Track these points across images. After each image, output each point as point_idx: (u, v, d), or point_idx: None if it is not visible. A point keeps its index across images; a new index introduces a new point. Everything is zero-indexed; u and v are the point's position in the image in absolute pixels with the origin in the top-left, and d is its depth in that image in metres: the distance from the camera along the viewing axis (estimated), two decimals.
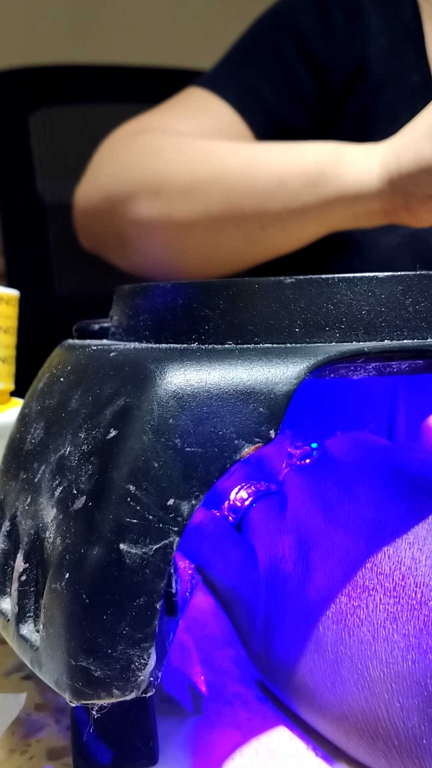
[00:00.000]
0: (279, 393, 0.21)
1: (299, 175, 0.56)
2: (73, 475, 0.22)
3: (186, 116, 0.71)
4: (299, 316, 0.23)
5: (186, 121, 0.70)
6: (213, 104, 0.71)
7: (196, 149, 0.63)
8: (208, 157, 0.61)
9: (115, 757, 0.22)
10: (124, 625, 0.20)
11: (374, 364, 0.23)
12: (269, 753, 0.25)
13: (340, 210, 0.55)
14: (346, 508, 0.26)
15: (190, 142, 0.65)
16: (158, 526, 0.20)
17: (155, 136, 0.67)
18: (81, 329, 0.31)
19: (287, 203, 0.57)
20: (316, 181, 0.55)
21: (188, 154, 0.63)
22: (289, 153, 0.58)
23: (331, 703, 0.23)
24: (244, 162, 0.59)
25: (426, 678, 0.21)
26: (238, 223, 0.60)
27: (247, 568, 0.28)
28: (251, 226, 0.60)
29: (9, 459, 0.27)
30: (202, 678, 0.29)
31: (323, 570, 0.25)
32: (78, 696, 0.20)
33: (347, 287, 0.23)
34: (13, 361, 0.41)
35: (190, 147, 0.64)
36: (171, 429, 0.20)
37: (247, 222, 0.60)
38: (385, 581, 0.23)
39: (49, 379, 0.26)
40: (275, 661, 0.26)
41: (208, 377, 0.21)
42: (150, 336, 0.26)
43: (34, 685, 0.29)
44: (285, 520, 0.28)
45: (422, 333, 0.23)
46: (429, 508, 0.24)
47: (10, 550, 0.24)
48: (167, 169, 0.63)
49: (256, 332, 0.24)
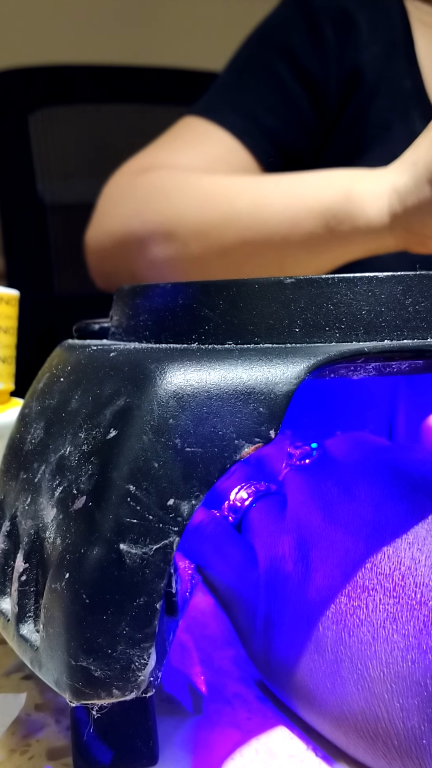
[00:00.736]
0: (279, 393, 0.21)
1: (311, 217, 0.55)
2: (73, 475, 0.22)
3: (187, 148, 0.70)
4: (299, 316, 0.23)
5: (188, 154, 0.69)
6: (213, 133, 0.70)
7: (203, 189, 0.62)
8: (216, 198, 0.61)
9: (115, 757, 0.22)
10: (124, 625, 0.20)
11: (374, 364, 0.23)
12: (269, 753, 0.25)
13: (356, 245, 0.55)
14: (346, 508, 0.26)
15: (196, 181, 0.64)
16: (158, 526, 0.20)
17: (161, 174, 0.67)
18: (81, 329, 0.31)
19: (302, 243, 0.57)
20: (328, 222, 0.55)
21: (196, 196, 0.62)
22: (297, 190, 0.57)
23: (330, 703, 0.23)
24: (253, 203, 0.59)
25: (426, 678, 0.21)
26: (256, 260, 0.60)
27: (247, 568, 0.28)
28: (269, 262, 0.60)
29: (9, 459, 0.27)
30: (202, 678, 0.29)
31: (323, 570, 0.25)
32: (78, 696, 0.20)
33: (347, 287, 0.23)
34: (13, 361, 0.41)
35: (197, 187, 0.63)
36: (171, 429, 0.20)
37: (264, 259, 0.60)
38: (384, 581, 0.23)
39: (49, 379, 0.26)
40: (275, 661, 0.26)
41: (208, 377, 0.21)
42: (150, 336, 0.26)
43: (34, 685, 0.29)
44: (285, 520, 0.28)
45: (422, 333, 0.23)
46: (429, 508, 0.24)
47: (10, 550, 0.24)
48: (177, 211, 0.62)
49: (256, 332, 0.24)
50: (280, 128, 0.71)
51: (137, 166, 0.70)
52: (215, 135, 0.70)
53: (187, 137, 0.72)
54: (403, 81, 0.74)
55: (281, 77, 0.72)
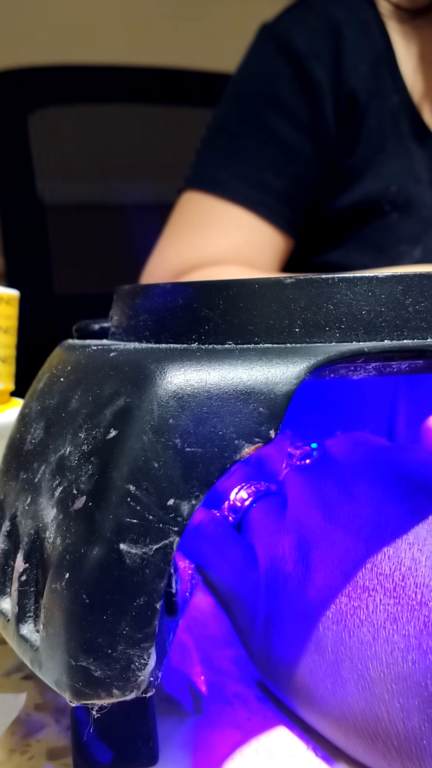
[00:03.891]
0: (279, 393, 0.21)
1: None
2: (73, 475, 0.22)
3: (209, 236, 0.69)
4: (299, 316, 0.23)
5: (213, 243, 0.68)
6: (227, 212, 0.69)
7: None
8: None
9: (115, 757, 0.22)
10: (124, 625, 0.20)
11: (374, 364, 0.23)
12: (269, 753, 0.25)
13: None
14: (346, 509, 0.26)
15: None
16: (158, 526, 0.20)
17: (211, 274, 0.65)
18: (81, 329, 0.31)
19: None
20: None
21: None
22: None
23: (330, 703, 0.23)
24: None
25: (426, 679, 0.21)
26: None
27: (247, 568, 0.28)
28: None
29: (9, 459, 0.27)
30: (202, 678, 0.29)
31: (323, 570, 0.25)
32: (78, 696, 0.20)
33: (347, 287, 0.23)
34: (13, 361, 0.41)
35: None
36: (171, 429, 0.20)
37: None
38: (385, 582, 0.23)
39: (49, 379, 0.26)
40: (275, 662, 0.26)
41: (208, 377, 0.21)
42: (150, 336, 0.26)
43: (34, 685, 0.29)
44: (285, 520, 0.28)
45: (422, 333, 0.23)
46: (429, 508, 0.24)
47: (10, 550, 0.24)
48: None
49: (256, 332, 0.24)
50: (291, 187, 0.70)
51: (171, 265, 0.69)
52: (232, 214, 0.69)
53: (204, 222, 0.70)
54: (391, 96, 0.73)
55: (279, 134, 0.70)
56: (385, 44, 0.73)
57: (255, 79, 0.73)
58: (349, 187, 0.73)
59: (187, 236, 0.71)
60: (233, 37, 0.77)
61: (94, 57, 1.07)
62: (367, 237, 0.74)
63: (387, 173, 0.73)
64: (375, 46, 0.72)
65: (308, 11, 0.73)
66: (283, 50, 0.71)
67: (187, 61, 1.04)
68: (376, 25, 0.73)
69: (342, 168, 0.73)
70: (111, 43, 1.47)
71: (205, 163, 0.73)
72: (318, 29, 0.71)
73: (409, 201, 0.73)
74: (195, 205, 0.71)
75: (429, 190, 0.74)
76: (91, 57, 1.07)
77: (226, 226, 0.69)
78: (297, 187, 0.71)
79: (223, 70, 0.76)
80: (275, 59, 0.71)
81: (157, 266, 0.71)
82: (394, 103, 0.73)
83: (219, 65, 0.79)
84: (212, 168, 0.72)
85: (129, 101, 1.04)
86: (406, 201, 0.73)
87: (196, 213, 0.71)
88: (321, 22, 0.71)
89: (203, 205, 0.71)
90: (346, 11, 0.72)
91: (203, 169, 0.72)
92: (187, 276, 0.68)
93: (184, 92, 1.04)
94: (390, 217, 0.73)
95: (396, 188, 0.73)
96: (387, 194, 0.73)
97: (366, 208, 0.74)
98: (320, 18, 0.71)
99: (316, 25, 0.71)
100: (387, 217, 0.73)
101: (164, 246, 0.72)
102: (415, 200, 0.73)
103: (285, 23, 0.74)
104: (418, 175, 0.74)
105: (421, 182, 0.74)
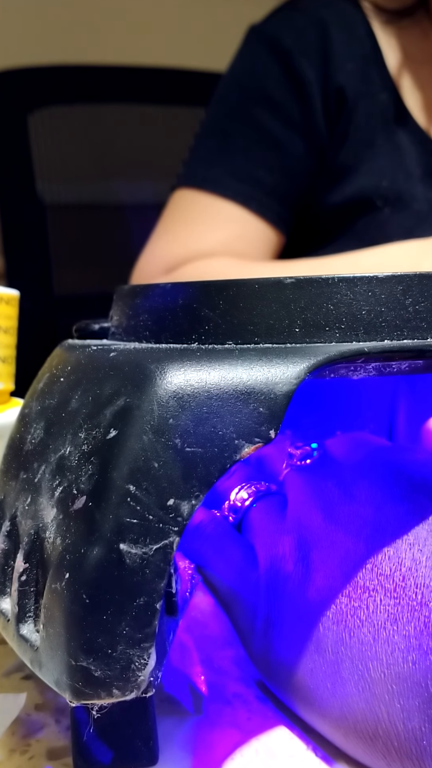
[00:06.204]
0: (279, 393, 0.21)
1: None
2: (73, 475, 0.22)
3: (201, 230, 0.70)
4: (299, 316, 0.23)
5: (204, 237, 0.69)
6: (219, 207, 0.70)
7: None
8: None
9: (115, 757, 0.22)
10: (124, 625, 0.20)
11: (374, 364, 0.23)
12: (269, 753, 0.25)
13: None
14: (347, 509, 0.26)
15: (256, 270, 0.64)
16: (158, 526, 0.20)
17: (206, 265, 0.66)
18: (81, 329, 0.31)
19: None
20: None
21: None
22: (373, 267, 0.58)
23: (331, 703, 0.23)
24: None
25: (426, 679, 0.21)
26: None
27: (247, 568, 0.28)
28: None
29: (9, 459, 0.27)
30: (202, 678, 0.29)
31: (323, 570, 0.25)
32: (78, 696, 0.20)
33: (347, 287, 0.23)
34: (13, 361, 0.41)
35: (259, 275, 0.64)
36: (171, 429, 0.20)
37: None
38: (385, 582, 0.23)
39: (49, 379, 0.26)
40: (275, 662, 0.25)
41: (208, 377, 0.21)
42: (150, 336, 0.26)
43: (34, 685, 0.29)
44: (285, 520, 0.28)
45: (422, 333, 0.23)
46: (429, 509, 0.24)
47: (10, 550, 0.24)
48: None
49: (256, 332, 0.24)
50: (282, 183, 0.71)
51: (163, 260, 0.70)
52: (223, 209, 0.70)
53: (195, 217, 0.71)
54: (379, 93, 0.73)
55: (269, 131, 0.71)
56: (371, 44, 0.74)
57: (244, 77, 0.74)
58: (341, 183, 0.74)
59: (178, 232, 0.71)
60: (233, 37, 0.77)
61: (93, 57, 1.07)
62: (360, 232, 0.75)
63: (378, 169, 0.73)
64: (362, 45, 0.73)
65: (295, 12, 0.74)
66: (272, 49, 0.72)
67: (187, 61, 1.04)
68: (362, 25, 0.74)
69: (333, 164, 0.73)
70: (111, 43, 1.47)
71: (197, 160, 0.74)
72: (305, 28, 0.72)
73: (400, 196, 0.74)
74: (186, 202, 0.72)
75: (420, 184, 0.75)
76: (91, 57, 1.07)
77: (217, 221, 0.70)
78: (288, 183, 0.71)
79: (223, 70, 0.76)
80: (264, 57, 0.72)
81: (148, 262, 0.72)
82: (382, 100, 0.73)
83: (219, 65, 0.79)
84: (203, 165, 0.72)
85: (129, 101, 1.04)
86: (398, 196, 0.74)
87: (187, 209, 0.72)
88: (308, 21, 0.72)
89: (194, 201, 0.71)
90: (332, 12, 0.73)
91: (195, 167, 0.73)
92: (179, 270, 0.68)
93: (184, 92, 1.04)
94: (382, 213, 0.74)
95: (387, 183, 0.73)
96: (378, 189, 0.73)
97: (358, 204, 0.74)
98: (307, 18, 0.72)
99: (304, 25, 0.72)
100: (379, 213, 0.74)
101: (155, 242, 0.72)
102: (407, 195, 0.74)
103: (273, 23, 0.75)
104: (409, 170, 0.74)
105: (412, 177, 0.74)
